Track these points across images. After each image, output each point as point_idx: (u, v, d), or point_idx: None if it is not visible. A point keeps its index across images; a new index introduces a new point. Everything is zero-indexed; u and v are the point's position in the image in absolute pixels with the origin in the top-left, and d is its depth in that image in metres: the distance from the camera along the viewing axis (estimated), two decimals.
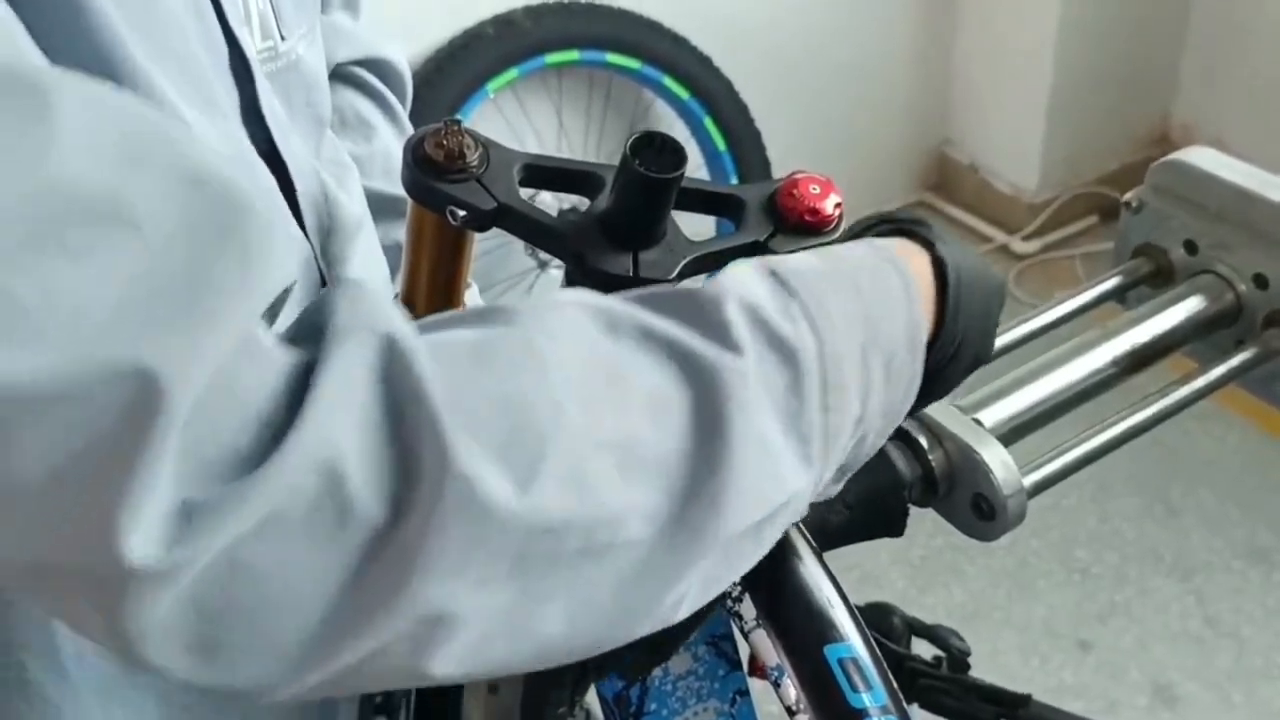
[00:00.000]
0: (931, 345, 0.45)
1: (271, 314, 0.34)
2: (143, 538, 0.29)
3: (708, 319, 0.39)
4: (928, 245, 0.47)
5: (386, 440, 0.33)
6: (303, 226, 0.52)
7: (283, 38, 0.54)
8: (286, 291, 0.34)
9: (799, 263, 0.43)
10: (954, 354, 0.47)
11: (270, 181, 0.49)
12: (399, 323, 0.34)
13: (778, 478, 0.39)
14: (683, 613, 0.40)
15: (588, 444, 0.35)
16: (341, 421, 0.32)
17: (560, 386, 0.36)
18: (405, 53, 0.78)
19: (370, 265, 0.61)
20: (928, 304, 0.45)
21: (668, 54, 1.92)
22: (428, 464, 0.32)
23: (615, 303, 0.40)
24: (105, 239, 0.29)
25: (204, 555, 0.30)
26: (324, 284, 0.55)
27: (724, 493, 0.37)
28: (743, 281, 0.41)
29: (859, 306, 0.42)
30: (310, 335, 0.34)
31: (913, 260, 0.46)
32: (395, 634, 0.34)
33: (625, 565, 0.36)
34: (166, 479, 0.30)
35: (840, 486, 0.46)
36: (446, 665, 0.35)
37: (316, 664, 0.34)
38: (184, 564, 0.30)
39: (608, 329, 0.38)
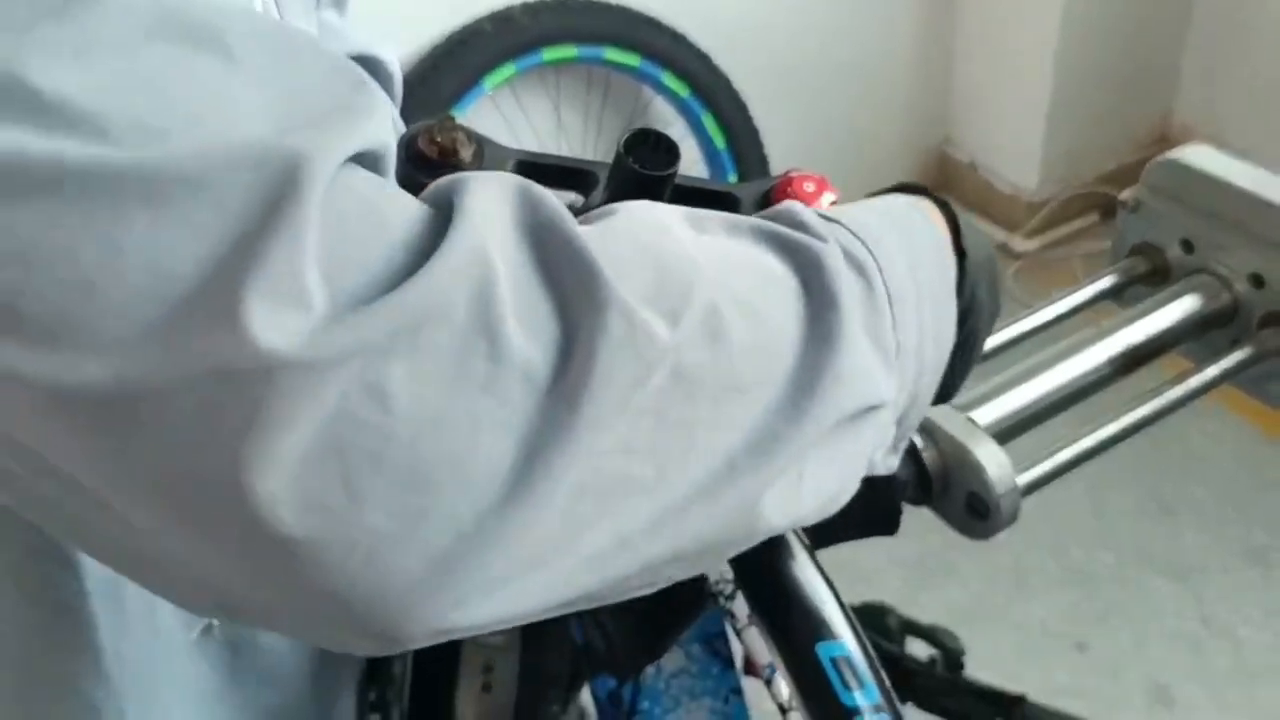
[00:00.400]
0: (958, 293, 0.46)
1: None
2: (280, 324, 0.27)
3: (790, 218, 0.40)
4: (940, 204, 0.48)
5: (538, 279, 0.31)
6: None
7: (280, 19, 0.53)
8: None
9: (831, 207, 0.44)
10: (972, 309, 0.47)
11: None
12: (524, 180, 0.33)
13: (871, 375, 0.39)
14: (806, 511, 0.39)
15: (723, 297, 0.35)
16: (492, 249, 0.30)
17: (690, 246, 0.35)
18: (402, 49, 0.78)
19: None
20: (949, 248, 0.47)
21: (667, 51, 1.92)
22: (585, 299, 0.31)
23: (698, 210, 0.39)
24: (214, 59, 0.29)
25: (347, 360, 0.27)
26: None
27: (836, 366, 0.37)
28: (792, 205, 0.42)
29: (896, 232, 0.43)
30: (439, 200, 0.32)
31: (931, 212, 0.47)
32: (554, 509, 0.30)
33: (750, 432, 0.35)
34: (308, 267, 0.27)
35: (897, 460, 0.46)
36: (599, 540, 0.32)
37: (478, 550, 0.29)
38: (326, 360, 0.27)
39: (695, 223, 0.38)
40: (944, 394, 0.49)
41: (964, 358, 0.48)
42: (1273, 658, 1.60)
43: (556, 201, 0.33)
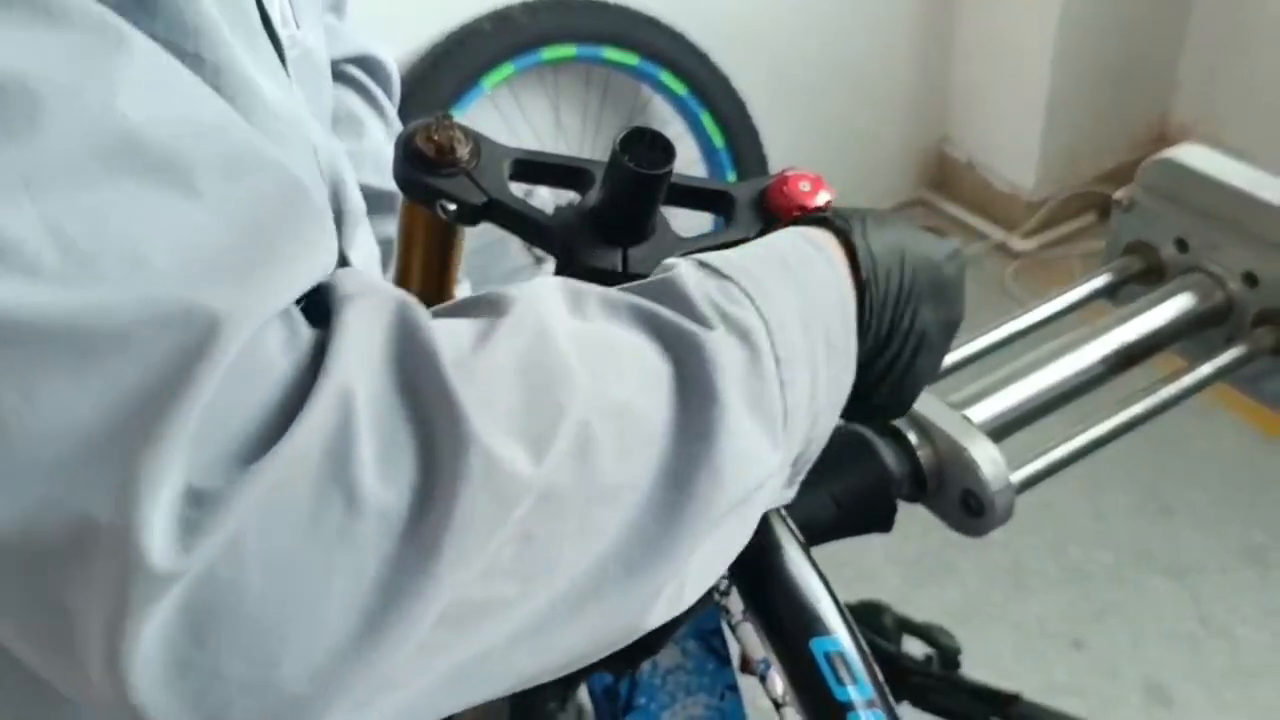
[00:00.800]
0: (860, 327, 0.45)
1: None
2: (154, 500, 0.28)
3: (673, 295, 0.40)
4: (839, 231, 0.47)
5: (401, 416, 0.31)
6: None
7: (298, 26, 0.54)
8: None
9: (721, 254, 0.43)
10: (893, 335, 0.46)
11: (318, 155, 0.49)
12: (405, 296, 0.34)
13: (754, 456, 0.39)
14: (686, 600, 0.39)
15: (595, 411, 0.35)
16: (357, 390, 0.31)
17: (569, 353, 0.36)
18: (402, 48, 0.78)
19: (368, 253, 0.62)
20: (849, 283, 0.45)
21: (665, 50, 1.92)
22: (448, 438, 0.31)
23: (581, 285, 0.40)
24: (170, 192, 0.30)
25: (213, 541, 0.28)
26: None
27: (712, 462, 0.37)
28: (680, 272, 0.41)
29: (791, 281, 0.42)
30: (322, 314, 0.33)
31: (832, 248, 0.46)
32: (409, 642, 0.31)
33: (622, 544, 0.35)
34: (180, 459, 0.28)
35: (795, 491, 0.46)
36: (457, 658, 0.33)
37: (334, 689, 0.30)
38: (196, 551, 0.28)
39: (575, 308, 0.38)
40: (896, 412, 0.49)
41: (908, 380, 0.47)
42: (1270, 657, 1.60)
43: (431, 328, 0.33)
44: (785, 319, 0.41)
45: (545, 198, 1.52)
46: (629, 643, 0.38)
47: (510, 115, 1.88)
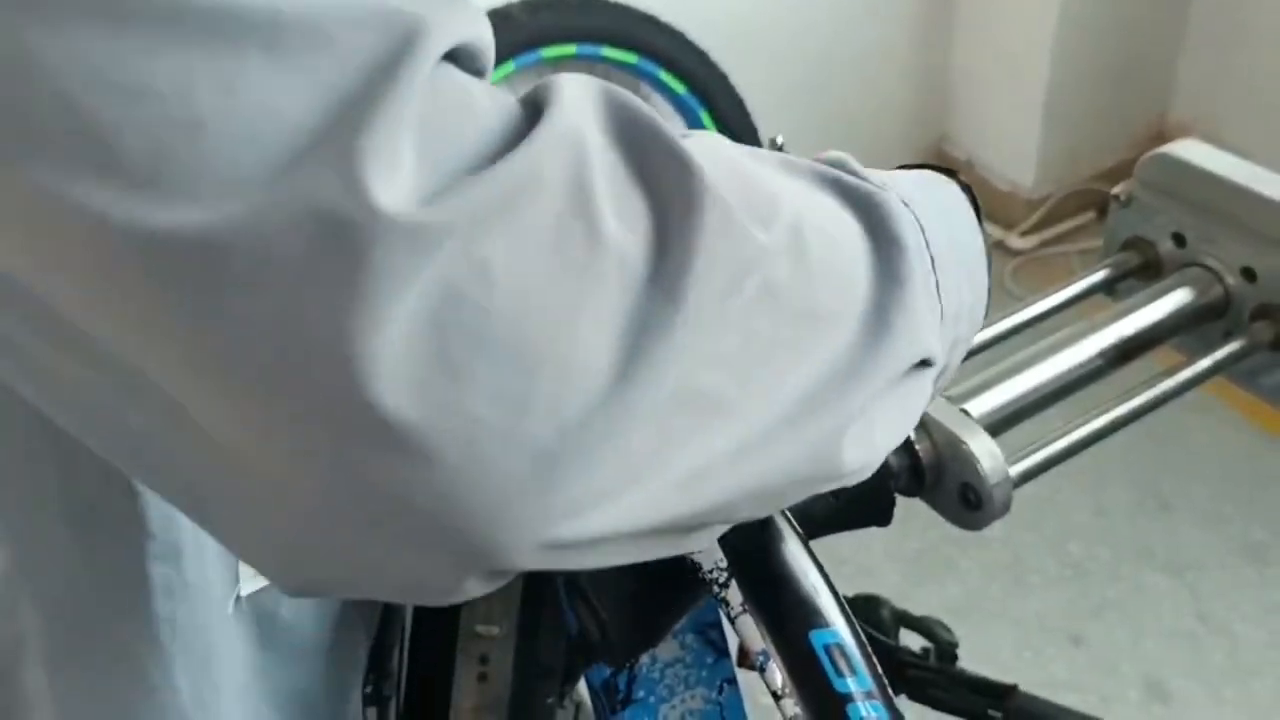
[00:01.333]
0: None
1: None
2: (391, 182, 0.26)
3: (844, 165, 0.40)
4: (965, 188, 0.47)
5: (631, 171, 0.30)
6: None
7: None
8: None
9: (862, 168, 0.43)
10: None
11: None
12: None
13: (931, 328, 0.38)
14: (879, 448, 0.38)
15: (805, 221, 0.34)
16: (587, 135, 0.30)
17: (770, 169, 0.36)
18: None
19: None
20: (979, 232, 0.46)
21: (665, 48, 1.92)
22: (680, 193, 0.30)
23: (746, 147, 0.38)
24: None
25: (453, 227, 0.26)
26: None
27: (907, 307, 0.36)
28: (839, 155, 0.41)
29: (938, 208, 0.42)
30: (529, 98, 0.32)
31: (961, 195, 0.47)
32: (652, 415, 0.29)
33: (829, 365, 0.34)
34: (411, 134, 0.26)
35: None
36: (690, 460, 0.31)
37: (581, 451, 0.28)
38: (434, 224, 0.26)
39: (756, 159, 0.37)
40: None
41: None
42: (1268, 654, 1.60)
43: (643, 104, 0.32)
44: (937, 231, 0.40)
45: None
46: (829, 488, 0.37)
47: None
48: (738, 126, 2.01)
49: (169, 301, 0.26)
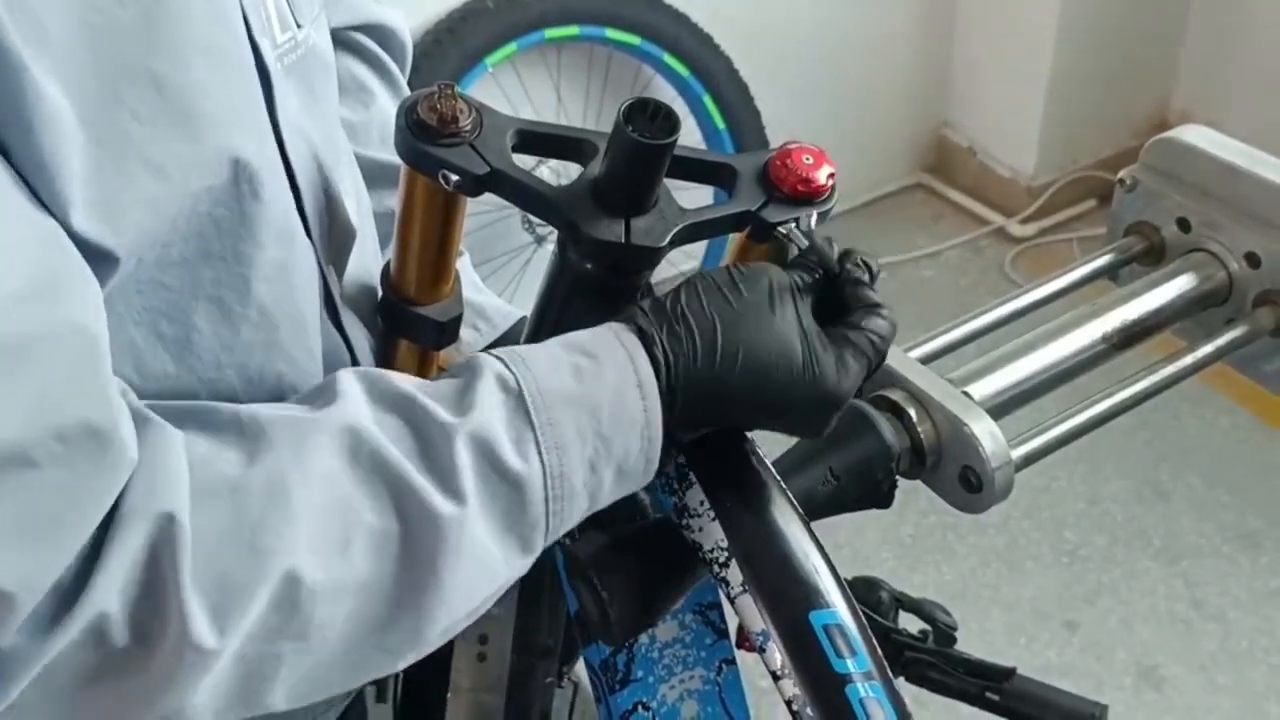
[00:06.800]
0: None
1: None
2: None
3: (436, 458, 0.45)
4: (640, 332, 0.48)
5: (145, 610, 0.40)
6: (307, 230, 0.52)
7: (299, 25, 0.53)
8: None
9: (552, 383, 0.46)
10: (723, 399, 0.49)
11: (278, 186, 0.50)
12: (181, 496, 0.41)
13: (491, 577, 0.46)
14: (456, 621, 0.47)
15: (321, 592, 0.43)
16: (113, 600, 0.40)
17: (301, 536, 0.43)
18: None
19: (366, 259, 0.61)
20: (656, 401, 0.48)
21: (668, 31, 1.91)
22: (170, 634, 0.41)
23: (365, 425, 0.45)
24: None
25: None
26: (324, 280, 0.55)
27: (430, 609, 0.45)
28: (486, 411, 0.45)
29: (594, 429, 0.46)
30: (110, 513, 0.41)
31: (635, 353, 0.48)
32: None
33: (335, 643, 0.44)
34: None
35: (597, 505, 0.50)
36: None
37: None
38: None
39: (351, 459, 0.44)
40: (814, 424, 0.51)
41: (781, 397, 0.48)
42: (1261, 640, 1.61)
43: (188, 539, 0.41)
44: (571, 467, 0.46)
45: (549, 176, 1.51)
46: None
47: (513, 94, 1.87)
48: (740, 110, 2.01)
49: None
